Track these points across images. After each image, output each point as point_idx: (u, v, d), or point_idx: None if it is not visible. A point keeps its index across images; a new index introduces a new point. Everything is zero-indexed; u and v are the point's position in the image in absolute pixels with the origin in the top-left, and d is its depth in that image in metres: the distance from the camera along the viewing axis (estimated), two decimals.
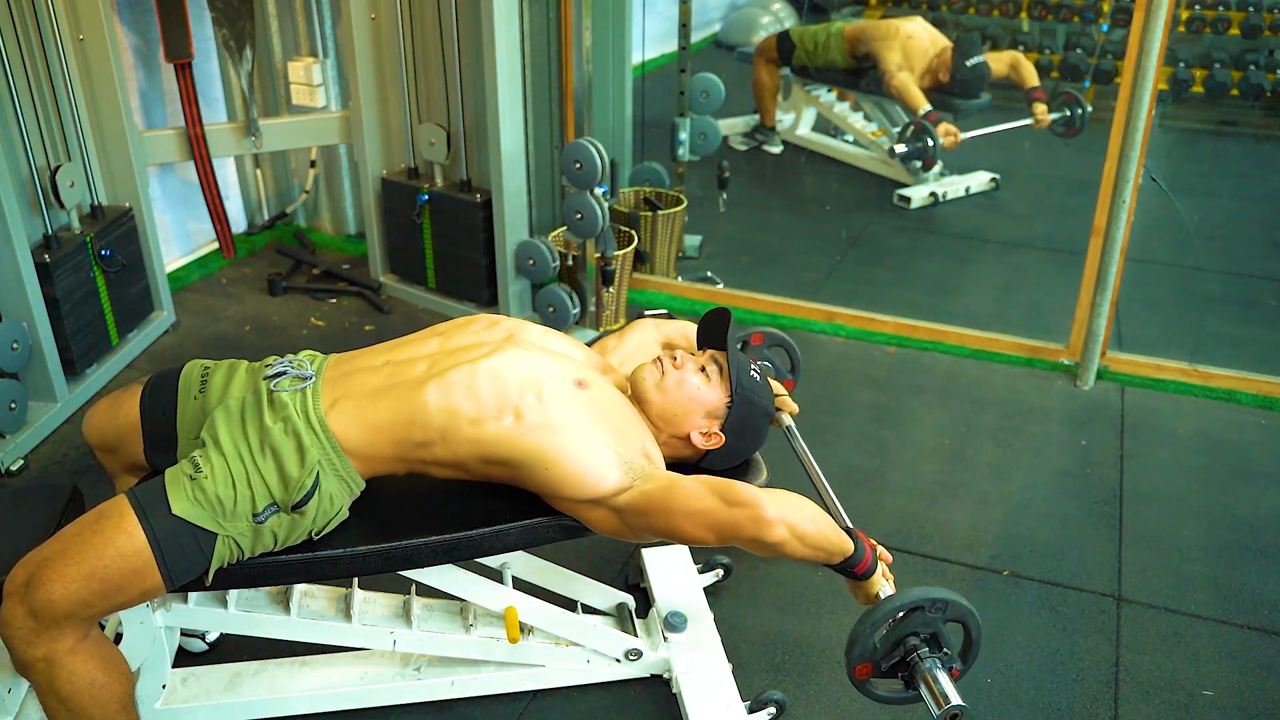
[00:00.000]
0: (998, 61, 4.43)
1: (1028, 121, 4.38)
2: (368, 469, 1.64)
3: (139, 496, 1.54)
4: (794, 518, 1.57)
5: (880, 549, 1.71)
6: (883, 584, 1.65)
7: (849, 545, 1.62)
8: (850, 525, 1.69)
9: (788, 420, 1.95)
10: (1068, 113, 4.34)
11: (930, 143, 4.14)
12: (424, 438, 1.61)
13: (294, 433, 1.59)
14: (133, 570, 1.50)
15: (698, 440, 1.73)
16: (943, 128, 4.14)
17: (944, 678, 1.52)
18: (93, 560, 1.49)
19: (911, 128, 4.20)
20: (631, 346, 1.94)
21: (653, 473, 1.64)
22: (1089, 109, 4.30)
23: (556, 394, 1.63)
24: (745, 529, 1.56)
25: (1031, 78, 4.40)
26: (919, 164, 4.25)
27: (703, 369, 1.76)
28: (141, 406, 1.75)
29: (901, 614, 1.55)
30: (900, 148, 4.20)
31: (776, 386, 1.95)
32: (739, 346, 2.02)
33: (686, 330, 1.97)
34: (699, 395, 1.73)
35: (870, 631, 1.53)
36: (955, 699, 1.49)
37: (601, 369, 1.80)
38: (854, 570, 1.63)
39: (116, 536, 1.50)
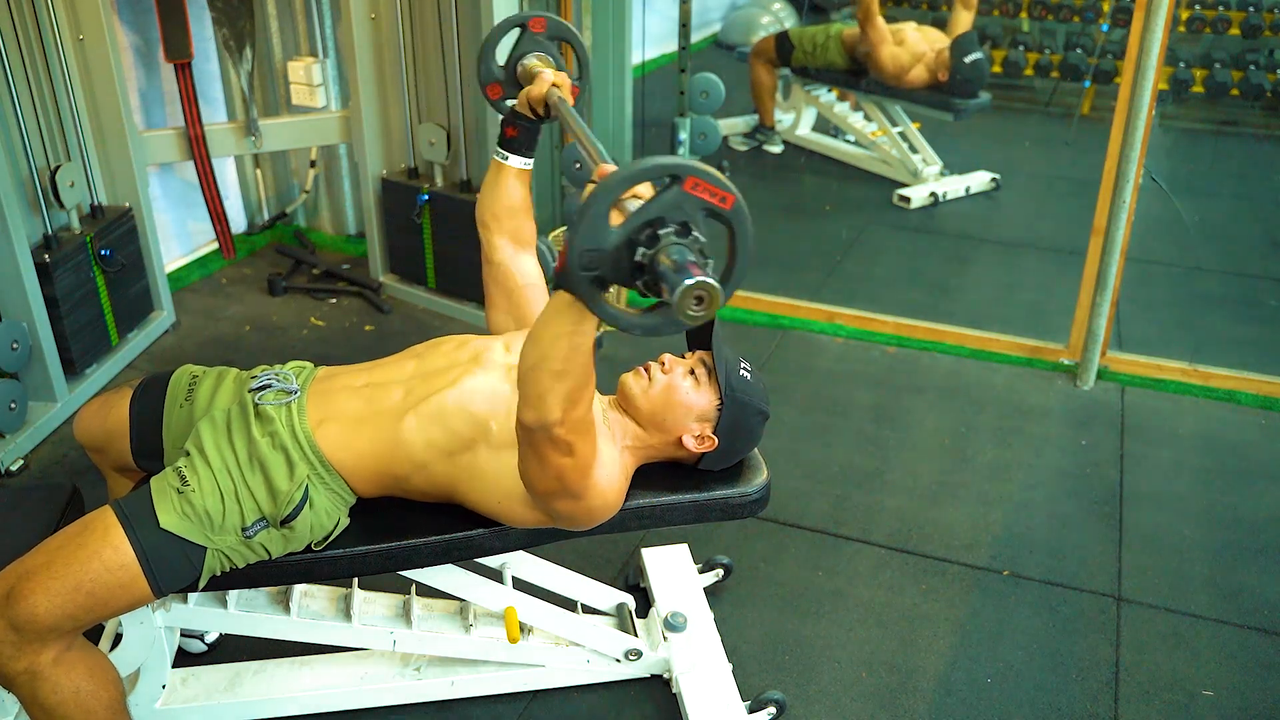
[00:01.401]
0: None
1: None
2: (354, 487, 1.64)
3: (125, 509, 1.53)
4: (536, 387, 1.36)
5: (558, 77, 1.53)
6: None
7: (560, 301, 1.30)
8: (602, 156, 1.40)
9: (557, 94, 1.70)
10: None
11: None
12: (404, 471, 1.62)
13: (281, 447, 1.58)
14: (120, 584, 1.49)
15: (690, 444, 1.71)
16: None
17: (677, 257, 1.15)
18: (78, 574, 1.47)
19: None
20: (496, 290, 1.84)
21: None
22: None
23: (512, 412, 1.58)
24: (538, 436, 1.41)
25: None
26: None
27: (691, 371, 1.73)
28: (130, 411, 1.75)
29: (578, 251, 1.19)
30: None
31: (558, 76, 1.74)
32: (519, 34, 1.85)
33: (484, 209, 1.79)
34: (688, 400, 1.70)
35: (596, 304, 1.23)
36: (701, 275, 1.13)
37: None
38: (564, 273, 1.24)
39: (103, 550, 1.49)
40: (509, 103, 1.85)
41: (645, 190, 1.20)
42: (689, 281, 1.12)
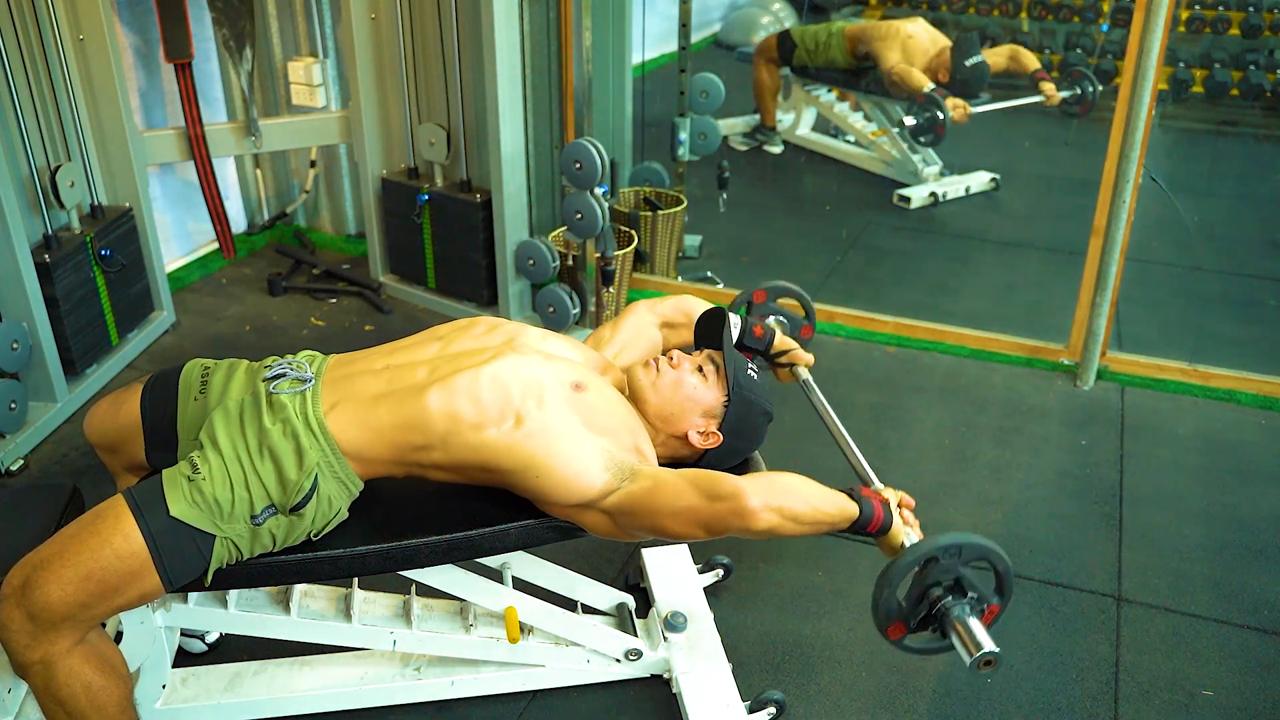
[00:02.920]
0: (997, 56, 4.43)
1: (1039, 99, 4.37)
2: (365, 471, 1.64)
3: (136, 497, 1.54)
4: (780, 500, 1.56)
5: (901, 495, 1.68)
6: (907, 533, 1.61)
7: (851, 510, 1.59)
8: (871, 478, 1.70)
9: (805, 374, 1.97)
10: (1078, 90, 4.35)
11: (940, 115, 4.10)
12: (424, 441, 1.61)
13: (292, 435, 1.58)
14: (130, 572, 1.50)
15: (695, 440, 1.73)
16: (951, 101, 4.13)
17: (975, 623, 1.49)
18: (90, 562, 1.48)
19: (919, 101, 4.17)
20: (627, 334, 1.93)
21: (640, 470, 1.63)
22: (1099, 87, 4.31)
23: (554, 399, 1.63)
24: (731, 522, 1.55)
25: (1032, 63, 4.42)
26: (930, 137, 4.18)
27: (699, 368, 1.76)
28: (142, 406, 1.75)
29: (920, 567, 1.52)
30: (910, 120, 4.19)
31: (787, 341, 1.99)
32: (744, 306, 2.09)
33: (682, 305, 1.97)
34: (696, 395, 1.73)
35: (889, 591, 1.51)
36: (987, 644, 1.46)
37: (600, 368, 1.80)
38: (866, 530, 1.60)
39: (114, 538, 1.50)
40: (767, 329, 2.03)
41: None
42: (985, 652, 1.47)
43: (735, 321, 1.93)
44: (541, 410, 1.61)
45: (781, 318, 2.14)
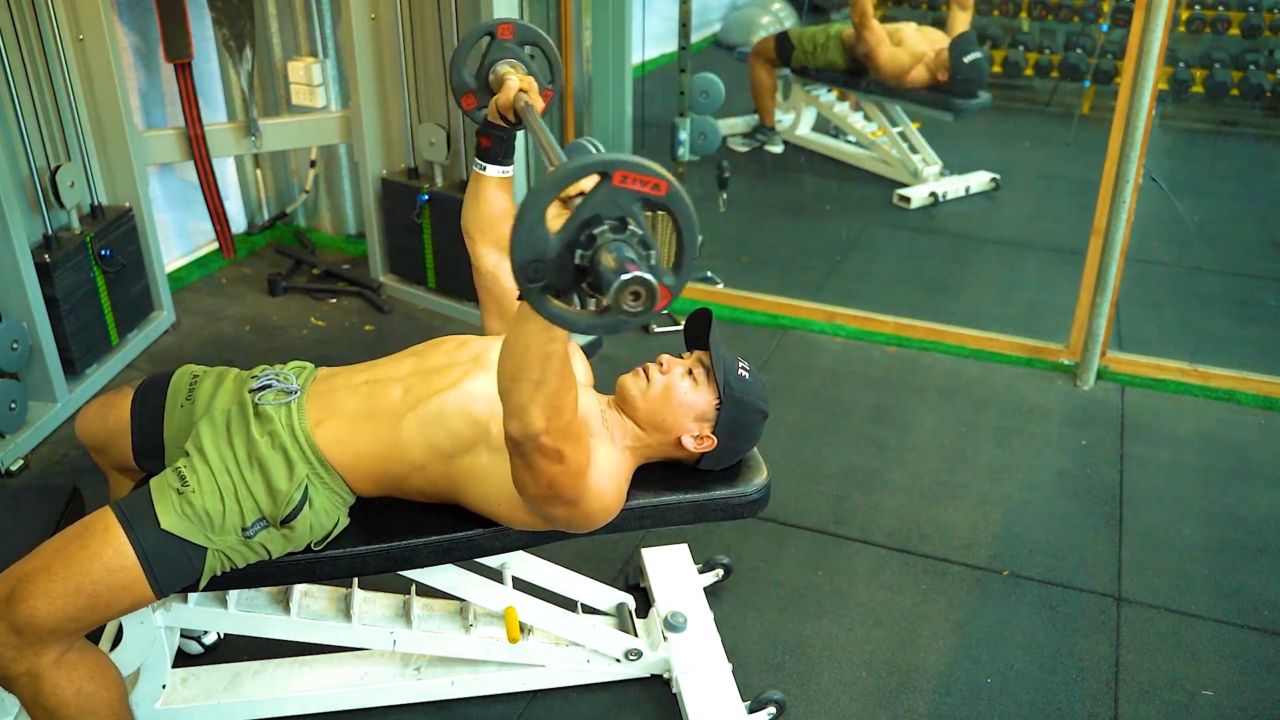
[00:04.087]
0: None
1: None
2: (353, 487, 1.64)
3: (125, 510, 1.53)
4: (517, 399, 1.36)
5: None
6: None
7: (526, 311, 1.29)
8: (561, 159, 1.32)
9: (525, 100, 1.71)
10: None
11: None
12: (403, 471, 1.62)
13: (281, 447, 1.58)
14: (121, 585, 1.49)
15: (689, 444, 1.72)
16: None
17: (614, 254, 1.13)
18: (78, 575, 1.47)
19: None
20: (492, 301, 1.83)
21: None
22: None
23: None
24: (526, 446, 1.41)
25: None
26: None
27: (690, 372, 1.73)
28: (132, 411, 1.76)
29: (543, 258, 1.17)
30: None
31: (525, 80, 1.74)
32: (488, 37, 1.83)
33: (466, 224, 1.80)
34: (687, 400, 1.70)
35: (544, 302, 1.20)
36: (635, 271, 1.10)
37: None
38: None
39: (103, 551, 1.49)
40: (483, 112, 1.82)
41: (589, 186, 1.17)
42: (623, 278, 1.09)
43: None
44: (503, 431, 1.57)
45: (512, 59, 1.81)
